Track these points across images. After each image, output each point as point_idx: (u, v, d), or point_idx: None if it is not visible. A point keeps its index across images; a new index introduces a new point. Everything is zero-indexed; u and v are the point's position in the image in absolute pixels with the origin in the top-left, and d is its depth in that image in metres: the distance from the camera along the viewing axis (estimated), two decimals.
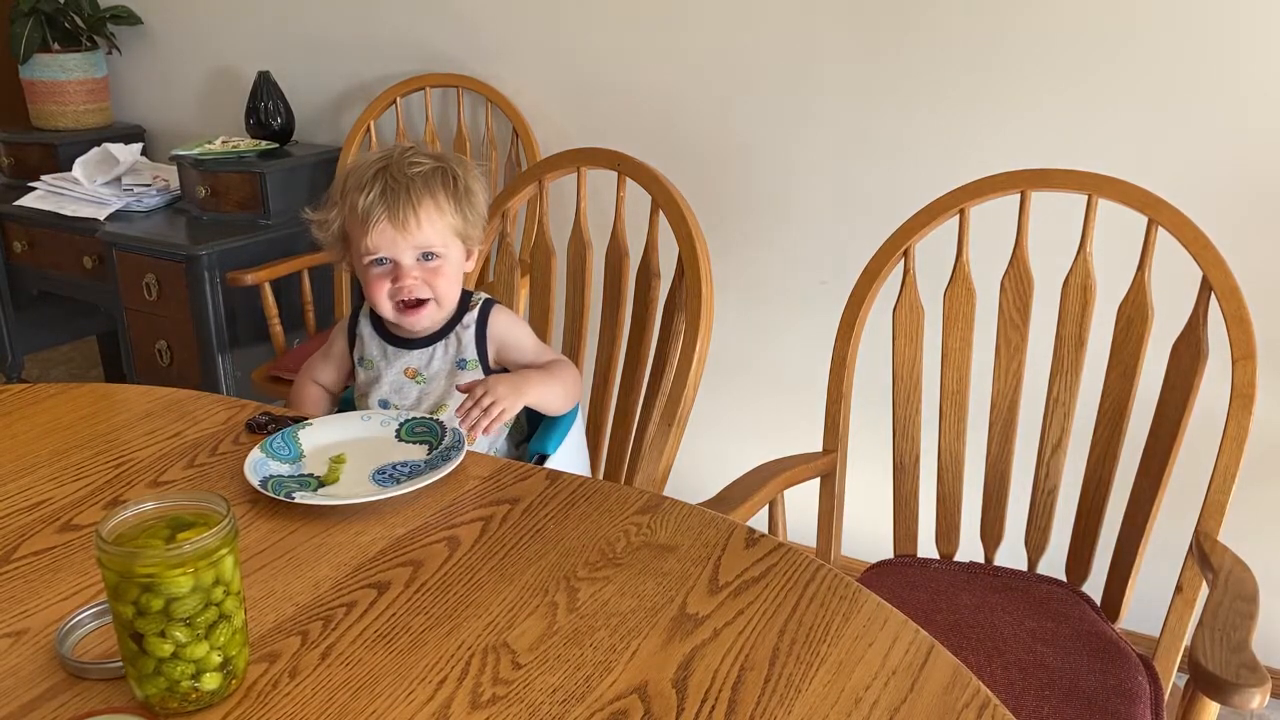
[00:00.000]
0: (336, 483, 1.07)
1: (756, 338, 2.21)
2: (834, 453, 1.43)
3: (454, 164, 1.27)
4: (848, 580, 0.89)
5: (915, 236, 1.40)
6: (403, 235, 1.22)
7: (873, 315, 1.44)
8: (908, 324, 1.41)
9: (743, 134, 2.10)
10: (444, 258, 1.25)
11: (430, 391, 1.30)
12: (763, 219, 2.14)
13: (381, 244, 1.23)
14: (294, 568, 0.91)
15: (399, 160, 1.24)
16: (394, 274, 1.24)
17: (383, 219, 1.21)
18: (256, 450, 1.09)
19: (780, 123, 2.07)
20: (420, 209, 1.22)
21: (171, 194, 2.63)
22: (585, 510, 1.01)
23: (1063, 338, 1.34)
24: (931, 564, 1.43)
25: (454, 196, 1.25)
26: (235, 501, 1.03)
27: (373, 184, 1.22)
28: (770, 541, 0.95)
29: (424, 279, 1.24)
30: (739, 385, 2.25)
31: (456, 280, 1.28)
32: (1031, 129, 1.84)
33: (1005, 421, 1.38)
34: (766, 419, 2.25)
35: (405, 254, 1.23)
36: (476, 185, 1.29)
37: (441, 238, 1.24)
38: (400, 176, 1.22)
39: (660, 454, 1.38)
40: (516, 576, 0.90)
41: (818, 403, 2.04)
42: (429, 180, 1.23)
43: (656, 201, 1.47)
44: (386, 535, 0.97)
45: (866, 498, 1.94)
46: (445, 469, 1.06)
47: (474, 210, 1.27)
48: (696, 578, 0.89)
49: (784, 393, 2.21)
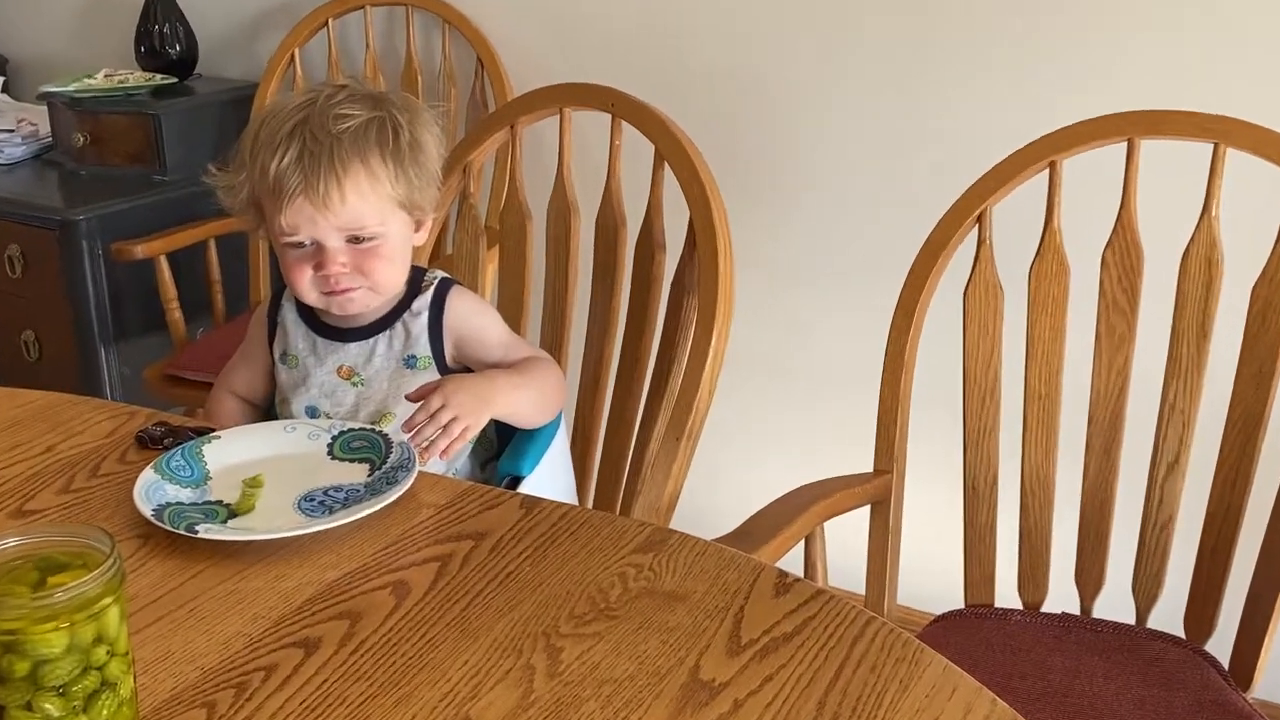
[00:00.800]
0: (251, 512, 1.07)
1: (789, 327, 2.21)
2: (889, 474, 1.43)
3: (397, 110, 1.26)
4: (906, 637, 0.89)
5: (992, 198, 1.40)
6: (324, 214, 1.21)
7: (937, 299, 1.43)
8: (982, 310, 1.41)
9: (770, 68, 2.10)
10: (381, 237, 1.24)
11: (370, 396, 1.30)
12: (797, 176, 2.14)
13: (299, 223, 1.22)
14: (198, 621, 0.91)
15: (323, 110, 1.22)
16: (317, 259, 1.24)
17: (298, 193, 1.20)
18: (150, 470, 1.09)
19: (818, 56, 2.06)
20: (346, 179, 1.20)
21: (40, 142, 2.62)
22: (570, 548, 1.01)
23: (1181, 328, 1.34)
24: (1013, 616, 1.43)
25: (394, 157, 1.23)
26: (122, 536, 1.02)
27: (288, 143, 1.21)
28: (807, 588, 0.94)
29: (354, 265, 1.24)
30: (766, 388, 2.25)
31: (399, 260, 1.27)
32: (1139, 62, 1.83)
33: (1107, 434, 1.38)
34: (801, 431, 2.25)
35: (329, 236, 1.22)
36: (427, 136, 1.27)
37: (376, 213, 1.23)
38: (322, 135, 1.20)
39: (666, 476, 1.38)
40: (482, 633, 0.89)
41: (868, 410, 2.03)
42: (360, 139, 1.22)
43: (661, 153, 1.47)
44: (316, 580, 0.96)
45: (929, 531, 1.94)
46: (391, 495, 1.06)
47: (423, 171, 1.26)
48: (713, 634, 0.89)
49: (824, 398, 2.20)
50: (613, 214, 1.52)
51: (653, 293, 1.49)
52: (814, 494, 1.35)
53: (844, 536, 1.66)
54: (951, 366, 1.49)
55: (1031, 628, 1.40)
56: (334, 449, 1.16)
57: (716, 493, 2.24)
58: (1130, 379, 1.38)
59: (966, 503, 1.44)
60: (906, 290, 1.42)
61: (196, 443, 1.15)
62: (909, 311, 1.41)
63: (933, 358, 1.61)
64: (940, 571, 1.89)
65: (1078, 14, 1.87)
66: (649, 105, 1.50)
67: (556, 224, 1.56)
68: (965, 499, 1.44)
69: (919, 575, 2.03)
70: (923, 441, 1.74)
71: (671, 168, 1.46)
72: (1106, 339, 1.38)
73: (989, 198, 1.39)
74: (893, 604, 1.45)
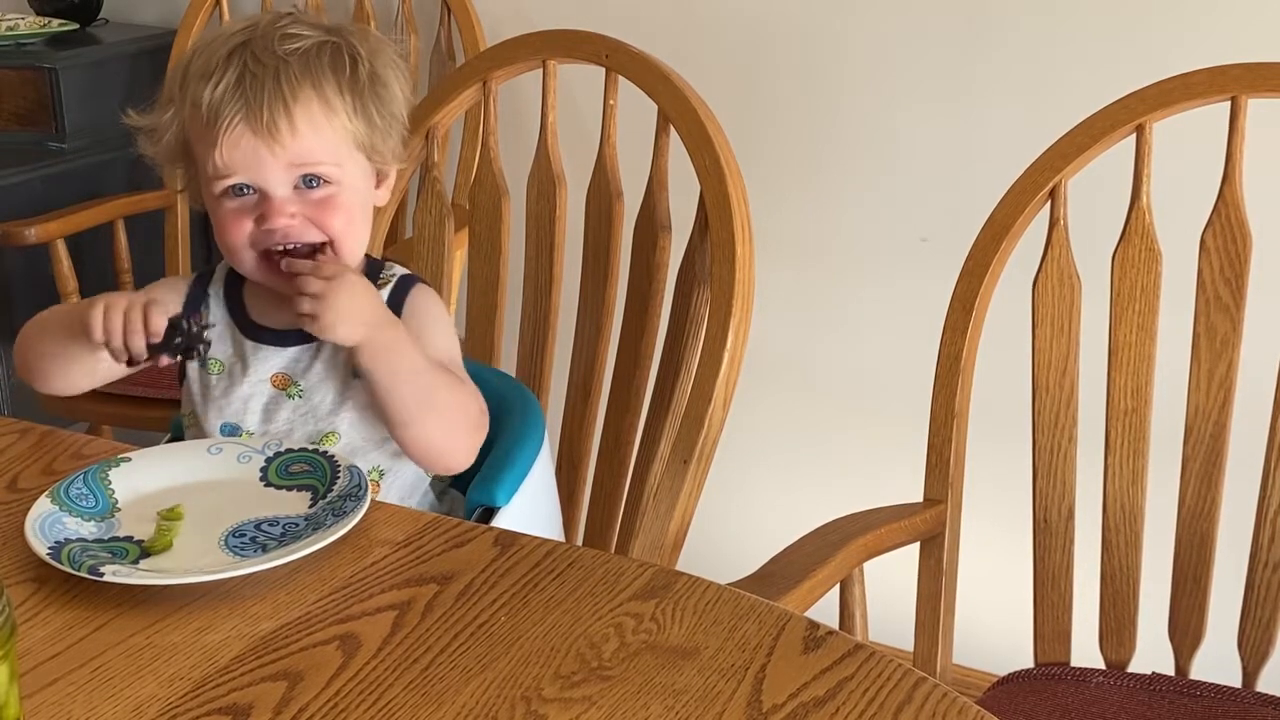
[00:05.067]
0: (168, 550, 1.06)
1: (820, 326, 2.21)
2: (942, 504, 1.43)
3: (354, 37, 1.27)
4: (964, 703, 0.88)
5: (1068, 168, 1.40)
6: (270, 146, 1.21)
7: (1001, 292, 1.43)
8: (1056, 305, 1.41)
9: (797, 13, 2.10)
10: (338, 182, 1.25)
11: (310, 411, 1.30)
12: (829, 143, 2.14)
13: (237, 161, 1.22)
14: (103, 683, 0.91)
15: (267, 32, 1.23)
16: (260, 209, 1.24)
17: (238, 122, 1.20)
18: (45, 500, 1.09)
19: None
20: (296, 105, 1.21)
21: None
22: (555, 593, 1.01)
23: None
24: (1093, 677, 1.43)
25: (352, 87, 1.24)
26: (11, 580, 1.02)
27: (225, 68, 1.21)
28: (843, 642, 0.94)
29: (307, 215, 1.24)
30: (793, 400, 2.25)
31: (359, 217, 1.27)
32: (1243, 5, 1.83)
33: (1208, 457, 1.38)
34: (836, 452, 2.25)
35: (275, 177, 1.22)
36: (391, 73, 1.28)
37: (331, 150, 1.24)
38: (266, 57, 1.21)
39: (672, 506, 1.38)
40: (449, 696, 0.89)
41: (917, 427, 2.03)
42: (311, 61, 1.23)
43: (666, 114, 1.47)
44: (247, 632, 0.96)
45: (992, 574, 1.94)
46: (338, 529, 1.05)
47: (385, 108, 1.27)
48: (729, 698, 0.89)
49: (863, 411, 2.20)
50: (607, 188, 1.52)
51: (655, 284, 1.49)
52: (851, 528, 1.35)
53: (888, 580, 1.66)
54: (1018, 374, 1.49)
55: (1116, 691, 1.40)
56: (269, 474, 1.16)
57: (733, 527, 2.24)
58: (1235, 390, 1.38)
59: (1036, 539, 1.44)
60: (964, 281, 1.42)
61: (102, 466, 1.15)
62: (967, 307, 1.41)
63: (996, 363, 1.62)
64: (1005, 623, 1.89)
65: None
66: (650, 56, 1.50)
67: (539, 201, 1.56)
68: (1035, 535, 1.44)
69: (979, 627, 2.03)
70: (983, 465, 1.74)
71: (678, 132, 1.45)
72: (1206, 341, 1.38)
73: (1064, 169, 1.39)
74: (947, 661, 1.45)
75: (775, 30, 2.12)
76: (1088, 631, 1.50)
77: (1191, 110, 1.38)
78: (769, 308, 2.18)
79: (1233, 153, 1.36)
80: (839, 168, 2.14)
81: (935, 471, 1.44)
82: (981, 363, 1.46)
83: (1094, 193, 1.47)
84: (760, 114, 2.14)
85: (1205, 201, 1.37)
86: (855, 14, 2.07)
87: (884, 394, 2.17)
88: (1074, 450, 1.42)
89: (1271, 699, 1.38)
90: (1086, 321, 1.42)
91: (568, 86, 1.60)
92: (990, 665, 2.03)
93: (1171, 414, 1.45)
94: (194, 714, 0.87)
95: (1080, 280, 1.41)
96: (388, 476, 1.30)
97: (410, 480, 1.32)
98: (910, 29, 2.04)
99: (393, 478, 1.30)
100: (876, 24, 2.06)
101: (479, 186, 1.59)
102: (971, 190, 1.93)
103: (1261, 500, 1.37)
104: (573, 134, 1.62)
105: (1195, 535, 1.40)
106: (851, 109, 2.11)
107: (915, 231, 2.10)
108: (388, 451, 1.29)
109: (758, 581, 1.23)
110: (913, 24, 2.04)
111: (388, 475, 1.30)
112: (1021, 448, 1.47)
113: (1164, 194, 1.41)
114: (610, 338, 1.53)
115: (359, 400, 1.28)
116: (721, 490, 2.21)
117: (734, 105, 2.10)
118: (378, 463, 1.29)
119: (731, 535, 2.22)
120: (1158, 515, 1.46)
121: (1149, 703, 1.38)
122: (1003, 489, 1.75)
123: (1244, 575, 1.39)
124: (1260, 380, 1.40)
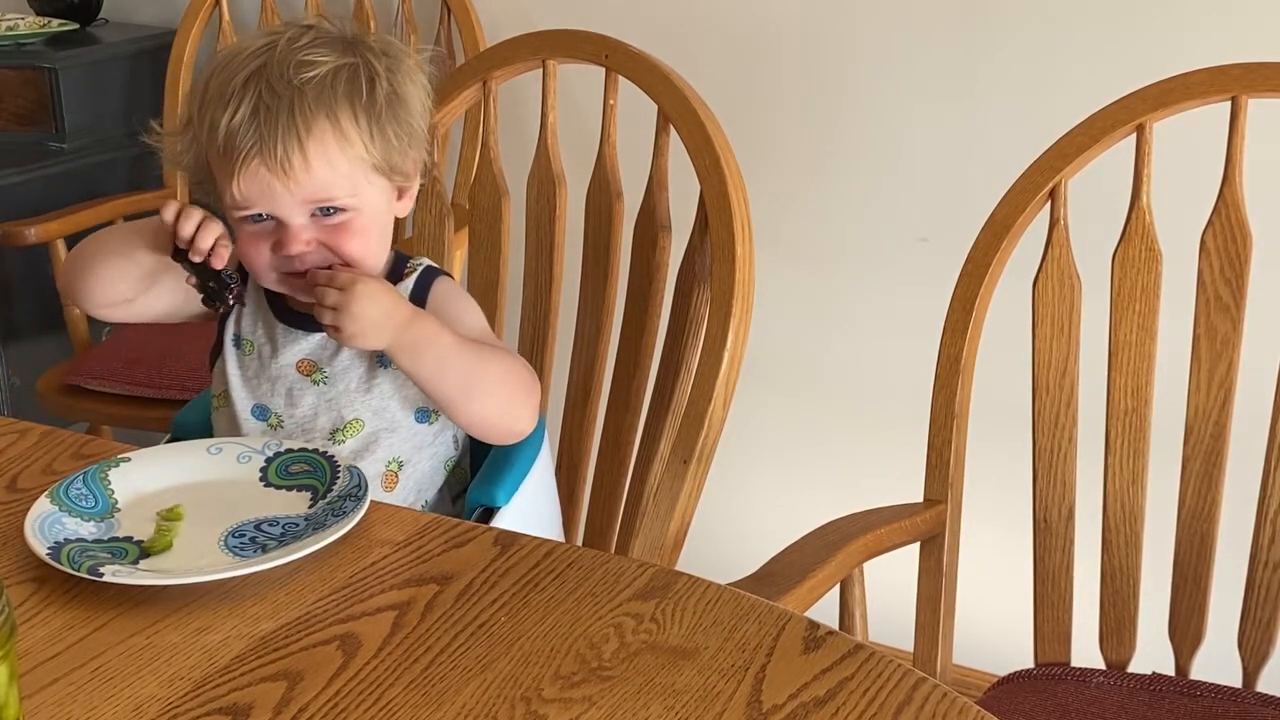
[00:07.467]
0: (168, 551, 1.07)
1: (820, 326, 2.20)
2: (942, 504, 1.43)
3: (373, 55, 1.27)
4: (964, 703, 0.89)
5: (1069, 168, 1.40)
6: (283, 182, 1.21)
7: (1001, 292, 1.43)
8: (1056, 305, 1.41)
9: (797, 13, 2.10)
10: (355, 209, 1.25)
11: (333, 398, 1.30)
12: (830, 142, 2.13)
13: (254, 195, 1.22)
14: (103, 683, 0.91)
15: (284, 56, 1.23)
16: (277, 235, 1.24)
17: (253, 158, 1.20)
18: (45, 500, 1.09)
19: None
20: (310, 140, 1.21)
21: None
22: (555, 593, 1.01)
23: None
24: (1093, 677, 1.43)
25: (368, 112, 1.24)
26: (11, 580, 1.02)
27: (241, 96, 1.21)
28: (843, 642, 0.94)
29: (323, 241, 1.24)
30: (793, 399, 2.25)
31: (377, 235, 1.28)
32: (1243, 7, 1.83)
33: (1208, 457, 1.38)
34: (836, 452, 2.24)
35: (291, 209, 1.23)
36: (410, 87, 1.28)
37: (346, 182, 1.24)
38: (281, 86, 1.21)
39: (673, 506, 1.38)
40: (449, 696, 0.89)
41: (916, 427, 2.03)
42: (326, 91, 1.22)
43: (666, 114, 1.47)
44: (247, 633, 0.96)
45: (992, 574, 1.94)
46: (338, 529, 1.05)
47: (403, 127, 1.27)
48: (729, 698, 0.89)
49: (863, 411, 2.20)
50: (607, 188, 1.52)
51: (655, 284, 1.49)
52: (852, 529, 1.35)
53: (888, 580, 1.66)
54: (1018, 374, 1.49)
55: (1116, 691, 1.40)
56: (268, 474, 1.16)
57: (733, 527, 2.24)
58: (1235, 390, 1.38)
59: (1036, 539, 1.44)
60: (964, 281, 1.42)
61: (102, 466, 1.15)
62: (967, 306, 1.41)
63: (996, 363, 1.62)
64: (1005, 623, 1.89)
65: None
66: (650, 56, 1.50)
67: (538, 201, 1.56)
68: (1035, 535, 1.44)
69: (979, 627, 2.03)
70: (983, 465, 1.74)
71: (678, 132, 1.46)
72: (1207, 342, 1.38)
73: (1064, 169, 1.39)
74: (947, 662, 1.45)
75: (775, 30, 2.12)
76: (1088, 631, 1.50)
77: (1191, 110, 1.38)
78: (769, 308, 2.18)
79: (1233, 153, 1.36)
80: (839, 168, 2.14)
81: (935, 472, 1.44)
82: (981, 363, 1.46)
83: (1094, 193, 1.47)
84: (761, 114, 2.14)
85: (1205, 202, 1.37)
86: (855, 14, 2.07)
87: (884, 394, 2.17)
88: (1074, 450, 1.43)
89: (1272, 699, 1.38)
90: (1086, 322, 1.42)
91: (568, 86, 1.60)
92: (990, 665, 2.03)
93: (1171, 414, 1.45)
94: (194, 714, 0.87)
95: (1080, 280, 1.41)
96: (406, 468, 1.30)
97: (427, 473, 1.32)
98: (910, 29, 2.05)
99: (411, 469, 1.31)
100: (877, 24, 2.06)
101: (479, 186, 1.59)
102: (971, 190, 1.93)
103: (1261, 500, 1.37)
104: (573, 134, 1.62)
105: (1195, 535, 1.40)
106: (851, 109, 2.11)
107: (915, 232, 2.10)
108: (409, 442, 1.30)
109: (758, 581, 1.23)
110: (913, 24, 2.04)
111: (406, 467, 1.30)
112: (1021, 448, 1.47)
113: (1164, 194, 1.41)
114: (610, 337, 1.53)
115: (383, 389, 1.29)
116: (721, 490, 2.21)
117: (734, 105, 2.10)
118: (398, 453, 1.29)
119: (731, 535, 2.22)
120: (1158, 515, 1.46)
121: (1149, 703, 1.38)
122: (1003, 489, 1.75)
123: (1244, 575, 1.39)
124: (1260, 380, 1.40)
